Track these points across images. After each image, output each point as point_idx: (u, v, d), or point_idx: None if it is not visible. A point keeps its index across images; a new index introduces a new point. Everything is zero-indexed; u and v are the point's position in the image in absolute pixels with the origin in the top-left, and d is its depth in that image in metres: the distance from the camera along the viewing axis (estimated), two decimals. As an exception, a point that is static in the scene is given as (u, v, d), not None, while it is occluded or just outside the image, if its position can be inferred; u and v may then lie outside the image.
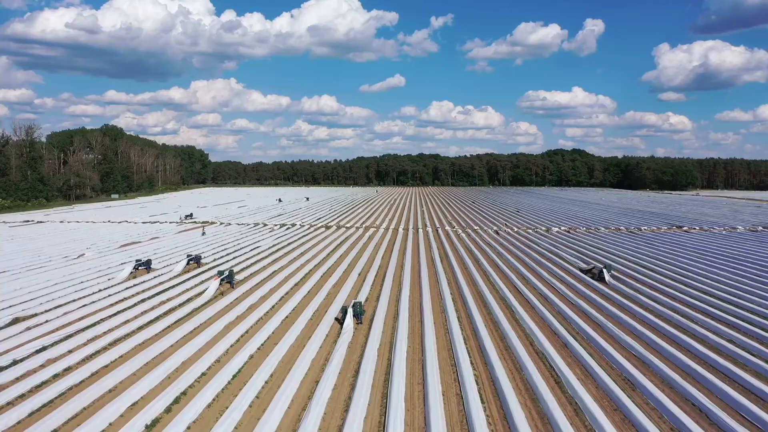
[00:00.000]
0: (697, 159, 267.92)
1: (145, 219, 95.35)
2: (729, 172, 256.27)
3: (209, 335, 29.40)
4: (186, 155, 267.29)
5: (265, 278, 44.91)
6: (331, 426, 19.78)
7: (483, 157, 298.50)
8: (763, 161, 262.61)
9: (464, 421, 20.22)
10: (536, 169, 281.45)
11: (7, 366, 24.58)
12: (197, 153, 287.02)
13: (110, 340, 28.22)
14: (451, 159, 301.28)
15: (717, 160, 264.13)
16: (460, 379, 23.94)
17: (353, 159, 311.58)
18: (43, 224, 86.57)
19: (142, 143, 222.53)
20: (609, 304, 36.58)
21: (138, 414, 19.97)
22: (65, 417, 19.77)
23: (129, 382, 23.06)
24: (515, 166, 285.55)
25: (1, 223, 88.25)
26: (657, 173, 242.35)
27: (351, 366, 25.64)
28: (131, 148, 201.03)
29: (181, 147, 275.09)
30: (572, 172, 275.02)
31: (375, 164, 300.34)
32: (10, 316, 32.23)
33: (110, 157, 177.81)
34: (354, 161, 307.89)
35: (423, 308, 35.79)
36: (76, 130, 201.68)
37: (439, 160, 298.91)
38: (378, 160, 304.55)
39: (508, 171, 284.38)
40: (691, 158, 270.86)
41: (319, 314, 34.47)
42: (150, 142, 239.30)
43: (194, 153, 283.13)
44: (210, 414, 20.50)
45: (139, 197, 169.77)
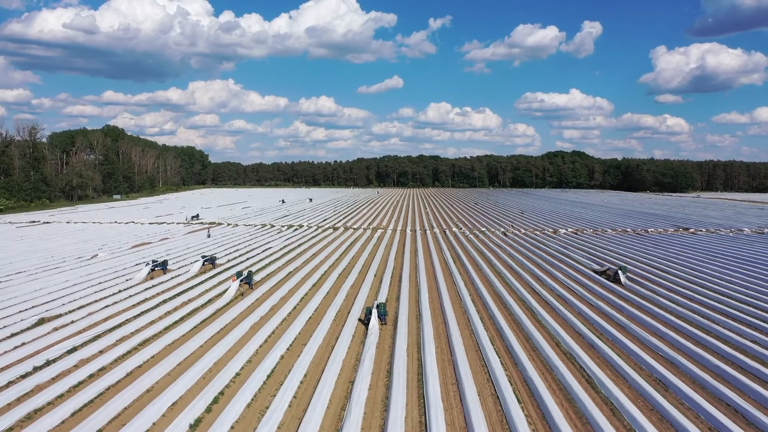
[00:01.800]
0: (696, 161, 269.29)
1: (151, 220, 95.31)
2: (728, 174, 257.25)
3: (236, 336, 29.52)
4: (186, 156, 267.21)
5: (282, 279, 45.03)
6: (373, 426, 19.94)
7: (483, 158, 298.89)
8: (763, 163, 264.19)
9: (504, 421, 20.40)
10: (536, 171, 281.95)
11: (41, 366, 24.66)
12: (197, 154, 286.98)
13: (139, 341, 28.31)
14: (451, 160, 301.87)
15: (716, 163, 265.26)
16: (493, 380, 24.13)
17: (353, 160, 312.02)
18: (50, 225, 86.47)
19: (143, 144, 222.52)
20: (628, 306, 36.82)
21: (180, 414, 20.10)
22: (108, 417, 19.88)
23: (165, 383, 23.19)
24: (515, 168, 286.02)
25: (7, 224, 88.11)
26: (657, 175, 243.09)
27: (383, 366, 25.80)
28: (132, 149, 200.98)
29: (181, 148, 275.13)
30: (572, 174, 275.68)
31: (375, 165, 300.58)
32: (36, 316, 32.27)
33: (112, 158, 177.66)
34: (354, 162, 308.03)
35: (444, 309, 35.98)
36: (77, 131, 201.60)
37: (439, 162, 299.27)
38: (378, 161, 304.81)
39: (508, 173, 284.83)
40: (691, 160, 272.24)
41: (341, 315, 34.63)
42: (151, 142, 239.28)
43: (194, 154, 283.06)
44: (251, 414, 20.64)
45: (140, 198, 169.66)
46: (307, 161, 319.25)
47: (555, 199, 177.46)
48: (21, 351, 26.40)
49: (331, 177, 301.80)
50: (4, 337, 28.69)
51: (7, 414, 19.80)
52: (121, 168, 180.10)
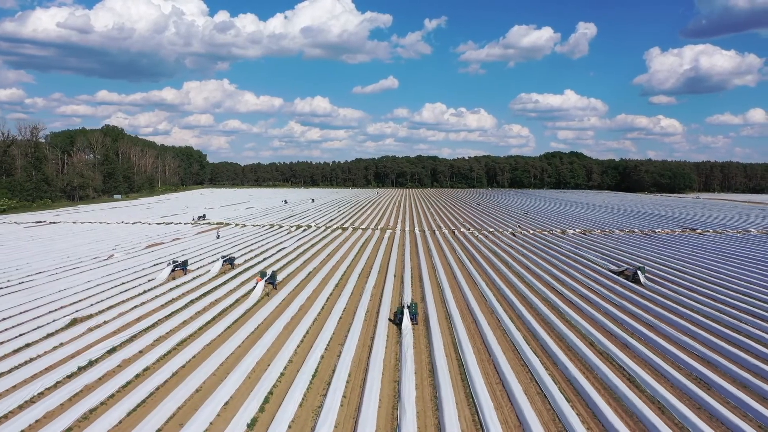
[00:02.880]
0: (693, 162, 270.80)
1: (157, 220, 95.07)
2: (725, 175, 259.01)
3: (272, 336, 29.59)
4: (184, 156, 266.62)
5: (304, 279, 45.11)
6: (428, 425, 20.09)
7: (481, 159, 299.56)
8: (759, 164, 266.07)
9: (556, 419, 20.59)
10: (534, 172, 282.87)
11: (85, 366, 24.69)
12: (195, 154, 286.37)
13: (177, 341, 28.35)
14: (450, 161, 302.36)
15: (713, 163, 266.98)
16: (537, 379, 24.33)
17: (352, 161, 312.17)
18: (57, 225, 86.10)
19: (142, 144, 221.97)
20: (654, 306, 37.14)
21: (237, 414, 20.20)
22: (164, 417, 19.95)
23: (212, 383, 23.27)
24: (513, 169, 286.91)
25: (13, 224, 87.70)
26: (655, 176, 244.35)
27: (424, 366, 25.96)
28: (131, 149, 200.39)
29: (179, 148, 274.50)
30: (570, 175, 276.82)
31: (373, 166, 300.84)
32: (67, 317, 32.23)
33: (112, 158, 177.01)
34: (352, 163, 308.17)
35: (472, 309, 36.20)
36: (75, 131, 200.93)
37: (438, 162, 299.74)
38: (376, 161, 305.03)
39: (506, 173, 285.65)
40: (688, 161, 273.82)
41: (370, 315, 34.76)
42: (149, 142, 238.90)
43: (192, 154, 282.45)
44: (305, 413, 20.76)
45: (141, 198, 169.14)
46: (305, 161, 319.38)
47: (556, 199, 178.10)
48: (61, 351, 26.38)
49: (330, 177, 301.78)
50: (40, 338, 28.67)
51: (63, 414, 19.83)
52: (120, 168, 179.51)
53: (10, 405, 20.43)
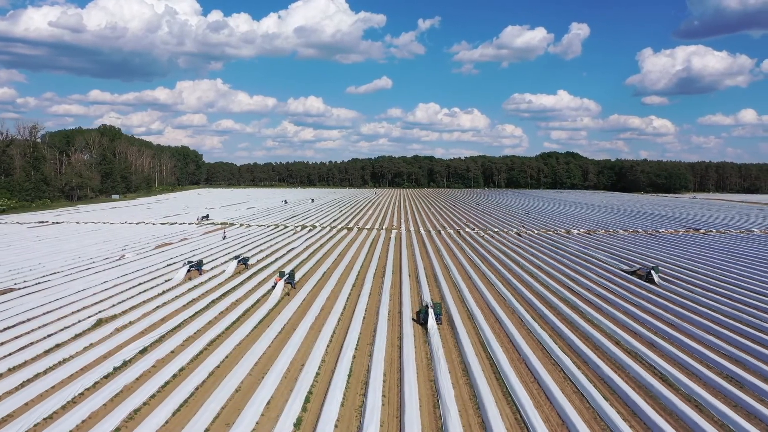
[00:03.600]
0: (689, 162, 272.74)
1: (160, 220, 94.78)
2: (720, 176, 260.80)
3: (300, 336, 29.65)
4: (181, 156, 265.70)
5: (320, 279, 45.17)
6: (472, 424, 20.24)
7: (477, 159, 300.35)
8: (754, 164, 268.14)
9: (597, 418, 20.79)
10: (531, 172, 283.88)
11: (120, 367, 24.68)
12: (191, 154, 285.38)
13: (206, 342, 28.36)
14: (446, 161, 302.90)
15: (708, 164, 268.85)
16: (571, 377, 24.54)
17: (348, 161, 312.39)
18: (60, 225, 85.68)
19: (139, 144, 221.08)
20: (673, 305, 37.44)
21: (281, 414, 20.27)
22: (210, 416, 20.00)
23: (251, 383, 23.34)
24: (510, 169, 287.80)
25: (16, 224, 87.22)
26: (651, 176, 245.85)
27: (456, 365, 26.12)
28: (128, 149, 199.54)
29: (175, 148, 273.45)
30: (566, 175, 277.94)
31: (370, 166, 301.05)
32: (92, 317, 32.18)
33: (109, 158, 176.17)
34: (349, 163, 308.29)
35: (493, 309, 36.41)
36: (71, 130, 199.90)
37: (434, 162, 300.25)
38: (373, 161, 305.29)
39: (502, 173, 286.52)
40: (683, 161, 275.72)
41: (393, 315, 34.89)
42: (146, 142, 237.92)
43: (189, 154, 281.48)
44: (348, 413, 20.86)
45: (139, 198, 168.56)
46: (301, 161, 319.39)
47: (554, 199, 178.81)
48: (93, 352, 26.33)
49: (326, 177, 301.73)
50: (69, 338, 28.62)
51: (109, 415, 19.82)
52: (118, 168, 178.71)
53: (53, 406, 20.41)
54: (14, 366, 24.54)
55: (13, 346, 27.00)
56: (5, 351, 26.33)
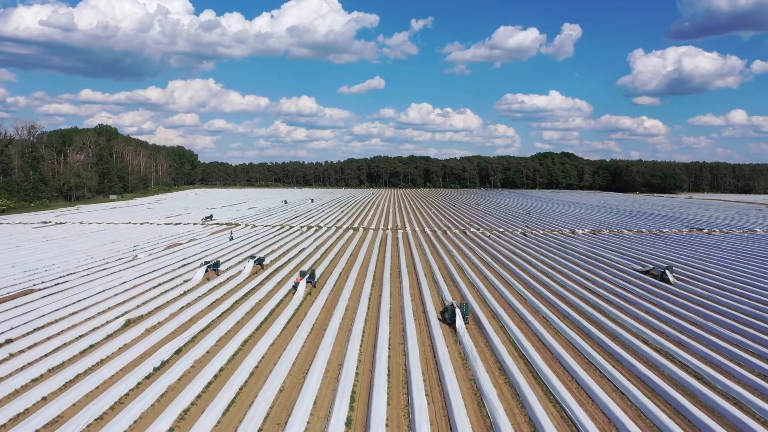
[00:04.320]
0: (683, 162, 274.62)
1: (163, 221, 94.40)
2: (714, 176, 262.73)
3: (332, 336, 29.74)
4: (176, 156, 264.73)
5: (339, 279, 45.25)
6: (520, 422, 20.43)
7: (473, 159, 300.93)
8: (747, 165, 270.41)
9: (642, 415, 21.04)
10: (527, 172, 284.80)
11: (160, 367, 24.70)
12: (187, 154, 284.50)
13: (240, 342, 28.39)
14: (442, 161, 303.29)
15: (703, 164, 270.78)
16: (608, 376, 24.80)
17: (344, 161, 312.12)
18: (64, 225, 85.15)
19: (135, 144, 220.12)
20: (693, 304, 37.84)
21: (330, 413, 20.43)
22: (261, 416, 20.10)
23: (293, 383, 23.48)
24: (506, 169, 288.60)
25: (18, 224, 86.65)
26: (646, 176, 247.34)
27: (491, 364, 26.34)
28: (124, 149, 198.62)
29: (171, 147, 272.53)
30: (562, 175, 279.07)
31: (366, 166, 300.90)
32: (120, 318, 32.15)
33: (106, 158, 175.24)
34: (345, 163, 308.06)
35: (516, 308, 36.70)
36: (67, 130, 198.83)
37: (430, 162, 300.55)
38: (369, 162, 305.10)
39: (498, 173, 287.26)
40: (678, 162, 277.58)
41: (418, 315, 35.07)
42: (142, 142, 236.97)
43: (184, 154, 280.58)
44: (396, 412, 21.02)
45: (136, 198, 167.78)
46: (298, 161, 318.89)
47: (552, 200, 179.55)
48: (130, 353, 26.31)
49: (322, 177, 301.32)
50: (101, 339, 28.60)
51: (161, 416, 19.86)
52: (115, 168, 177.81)
53: (102, 406, 20.43)
54: (53, 367, 24.51)
55: (48, 347, 26.93)
56: (41, 352, 26.26)
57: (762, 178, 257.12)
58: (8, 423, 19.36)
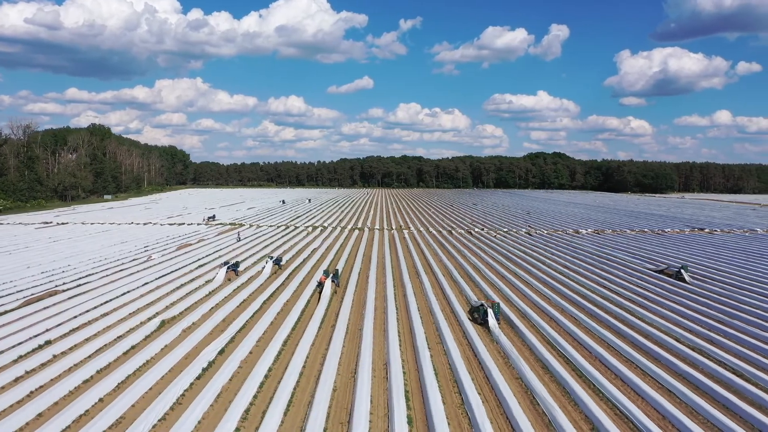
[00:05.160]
0: (674, 163, 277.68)
1: (166, 221, 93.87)
2: (704, 176, 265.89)
3: (369, 336, 29.87)
4: (168, 156, 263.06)
5: (359, 279, 45.39)
6: (578, 420, 20.72)
7: (466, 159, 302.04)
8: (737, 165, 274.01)
9: (695, 412, 21.43)
10: (519, 172, 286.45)
11: (208, 368, 24.73)
12: (179, 154, 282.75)
13: (281, 342, 28.43)
14: (435, 161, 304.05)
15: (693, 164, 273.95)
16: (651, 374, 25.21)
17: (337, 161, 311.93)
18: (66, 226, 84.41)
19: (128, 143, 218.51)
20: (715, 303, 38.36)
21: (390, 413, 20.61)
22: (323, 416, 20.27)
23: (344, 382, 23.70)
24: (498, 169, 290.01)
25: (19, 225, 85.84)
26: (638, 176, 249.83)
27: (534, 363, 26.64)
28: (117, 148, 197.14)
29: (163, 147, 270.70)
30: (554, 175, 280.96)
31: (359, 166, 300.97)
32: (153, 319, 32.05)
33: (100, 157, 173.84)
34: (338, 163, 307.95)
35: (543, 308, 37.10)
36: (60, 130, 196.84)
37: (423, 162, 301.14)
38: (362, 161, 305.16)
39: (491, 173, 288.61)
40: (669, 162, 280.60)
41: (447, 314, 35.36)
42: (134, 142, 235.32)
43: (176, 153, 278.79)
44: (453, 411, 21.29)
45: (131, 198, 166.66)
46: (290, 161, 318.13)
47: (548, 199, 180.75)
48: (174, 354, 26.23)
49: (315, 177, 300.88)
50: (140, 340, 28.54)
51: (224, 417, 19.92)
52: (109, 168, 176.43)
53: (163, 407, 20.44)
54: (101, 368, 24.44)
55: (89, 348, 26.83)
56: (84, 353, 26.16)
57: (751, 178, 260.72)
58: (72, 425, 19.32)
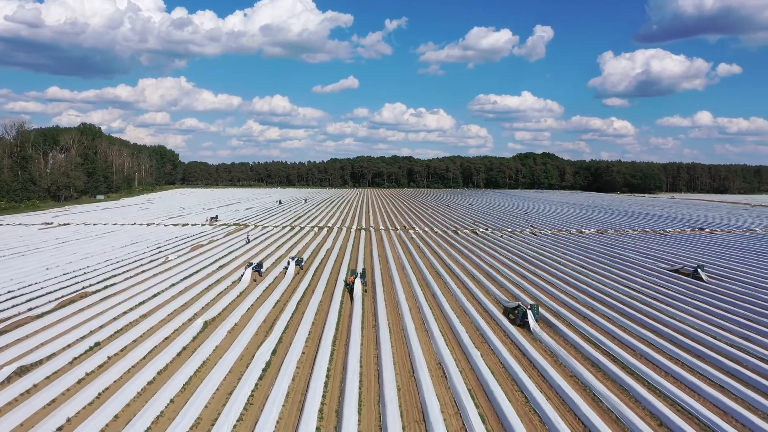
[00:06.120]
0: (661, 163, 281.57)
1: (170, 221, 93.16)
2: (691, 176, 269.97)
3: (414, 336, 30.14)
4: (158, 155, 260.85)
5: (384, 279, 45.56)
6: (645, 417, 21.20)
7: (456, 159, 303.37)
8: (723, 165, 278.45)
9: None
10: (509, 172, 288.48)
11: (266, 368, 24.83)
12: (168, 153, 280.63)
13: (330, 342, 28.55)
14: (425, 161, 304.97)
15: (680, 165, 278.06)
16: (707, 375, 25.79)
17: (328, 161, 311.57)
18: (69, 227, 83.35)
19: (119, 143, 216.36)
20: (740, 302, 39.19)
21: (462, 411, 20.89)
22: (396, 413, 20.48)
23: (405, 381, 23.99)
24: (489, 169, 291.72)
25: (19, 225, 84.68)
26: (627, 177, 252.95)
27: (583, 361, 27.09)
28: (108, 148, 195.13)
29: (152, 147, 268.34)
30: (544, 175, 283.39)
31: (350, 166, 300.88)
32: (197, 320, 32.03)
33: (92, 157, 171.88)
34: (329, 163, 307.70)
35: (574, 308, 37.61)
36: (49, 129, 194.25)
37: (414, 163, 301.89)
38: (352, 161, 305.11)
39: (482, 173, 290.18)
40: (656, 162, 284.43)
41: (481, 312, 35.72)
42: (124, 142, 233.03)
43: (165, 153, 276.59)
44: (521, 408, 21.63)
45: (123, 198, 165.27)
46: (280, 161, 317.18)
47: (541, 199, 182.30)
48: (229, 355, 26.21)
49: (306, 177, 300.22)
50: (189, 341, 28.49)
51: (303, 418, 20.09)
52: (100, 168, 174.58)
53: (237, 408, 20.54)
54: (161, 370, 24.42)
55: (142, 350, 26.71)
56: (138, 355, 26.05)
57: (737, 179, 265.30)
58: (153, 426, 19.32)
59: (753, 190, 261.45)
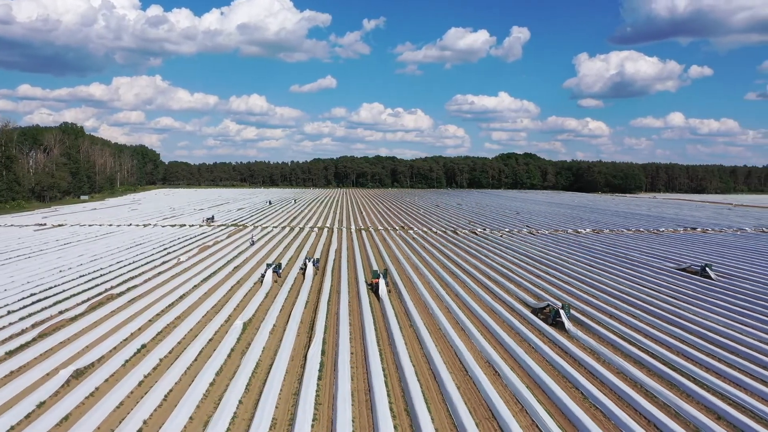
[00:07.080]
0: (641, 164, 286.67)
1: (164, 222, 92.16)
2: (670, 177, 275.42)
3: (452, 333, 30.61)
4: (139, 155, 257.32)
5: (404, 280, 45.90)
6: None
7: (440, 159, 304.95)
8: (701, 166, 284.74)
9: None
10: (492, 172, 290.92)
11: (321, 369, 25.01)
12: (150, 153, 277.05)
13: (374, 344, 28.80)
14: (409, 161, 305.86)
15: (659, 165, 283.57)
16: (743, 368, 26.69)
17: (311, 161, 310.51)
18: (64, 228, 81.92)
19: (101, 143, 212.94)
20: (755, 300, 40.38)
21: (533, 408, 21.37)
22: (464, 408, 20.84)
23: (462, 379, 24.38)
24: (472, 169, 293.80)
25: (11, 227, 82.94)
26: (608, 177, 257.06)
27: (624, 358, 27.82)
28: (90, 148, 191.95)
29: (134, 147, 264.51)
30: (526, 176, 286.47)
31: (333, 166, 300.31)
32: (237, 321, 32.00)
33: (75, 157, 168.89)
34: (312, 163, 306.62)
35: (601, 308, 38.41)
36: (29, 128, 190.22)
37: (397, 163, 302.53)
38: (336, 161, 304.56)
39: (465, 174, 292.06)
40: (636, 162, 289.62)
41: (510, 311, 36.30)
42: (106, 141, 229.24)
43: (147, 153, 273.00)
44: (584, 406, 22.17)
45: (108, 199, 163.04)
46: (263, 161, 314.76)
47: (526, 199, 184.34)
48: (281, 358, 26.32)
49: (289, 177, 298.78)
50: (235, 343, 28.49)
51: (379, 418, 20.35)
52: (83, 167, 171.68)
53: (308, 409, 20.73)
54: (218, 371, 24.44)
55: (192, 352, 26.59)
56: (189, 358, 25.92)
57: (714, 179, 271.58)
58: (231, 427, 19.41)
59: (729, 190, 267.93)
